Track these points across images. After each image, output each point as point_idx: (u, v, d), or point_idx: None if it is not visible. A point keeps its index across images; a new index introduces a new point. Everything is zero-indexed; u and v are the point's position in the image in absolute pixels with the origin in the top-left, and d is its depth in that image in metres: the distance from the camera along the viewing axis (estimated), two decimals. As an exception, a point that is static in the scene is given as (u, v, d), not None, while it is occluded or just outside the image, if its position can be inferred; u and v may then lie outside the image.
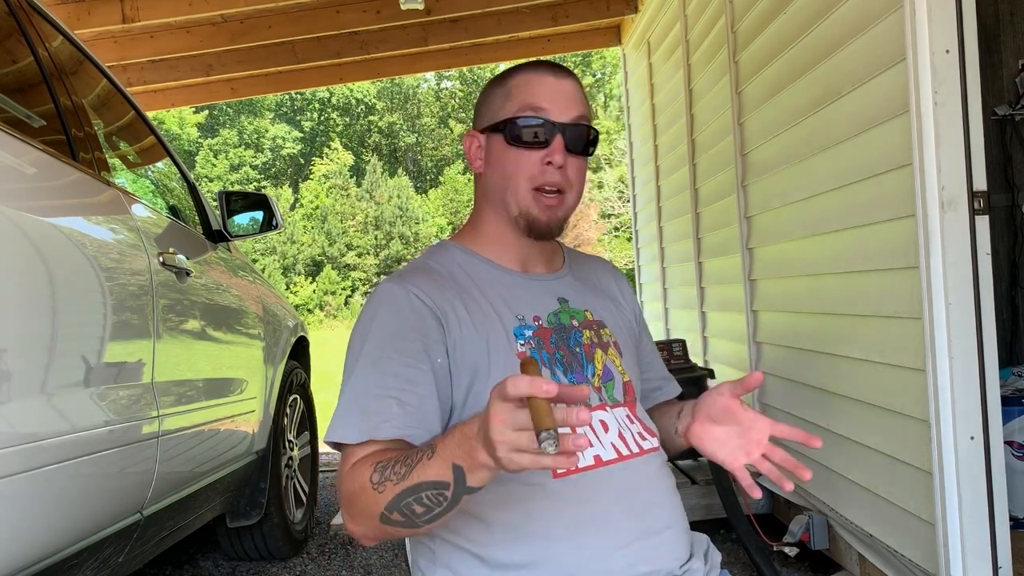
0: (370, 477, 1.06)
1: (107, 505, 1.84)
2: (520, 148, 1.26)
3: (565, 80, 1.28)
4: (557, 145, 1.25)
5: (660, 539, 1.21)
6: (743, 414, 1.21)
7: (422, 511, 1.03)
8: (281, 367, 3.23)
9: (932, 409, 1.98)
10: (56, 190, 1.80)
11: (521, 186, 1.26)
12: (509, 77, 1.31)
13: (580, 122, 1.27)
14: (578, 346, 1.28)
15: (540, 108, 1.25)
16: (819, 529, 2.68)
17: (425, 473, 1.01)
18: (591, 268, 1.45)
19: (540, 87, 1.27)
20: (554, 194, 1.26)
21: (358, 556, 3.31)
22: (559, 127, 1.25)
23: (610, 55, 28.95)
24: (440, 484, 1.00)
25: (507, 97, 1.28)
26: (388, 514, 1.05)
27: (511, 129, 1.26)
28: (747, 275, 3.31)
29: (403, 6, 4.44)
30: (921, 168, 1.96)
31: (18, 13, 1.97)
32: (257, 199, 3.08)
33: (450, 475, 0.99)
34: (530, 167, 1.25)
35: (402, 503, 1.03)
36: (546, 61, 1.32)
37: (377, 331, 1.20)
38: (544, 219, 1.27)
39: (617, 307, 1.41)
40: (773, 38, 2.85)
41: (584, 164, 1.30)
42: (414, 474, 1.02)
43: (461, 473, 0.98)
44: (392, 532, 1.08)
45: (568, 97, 1.27)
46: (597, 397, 1.27)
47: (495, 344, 1.22)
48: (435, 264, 1.31)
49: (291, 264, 29.11)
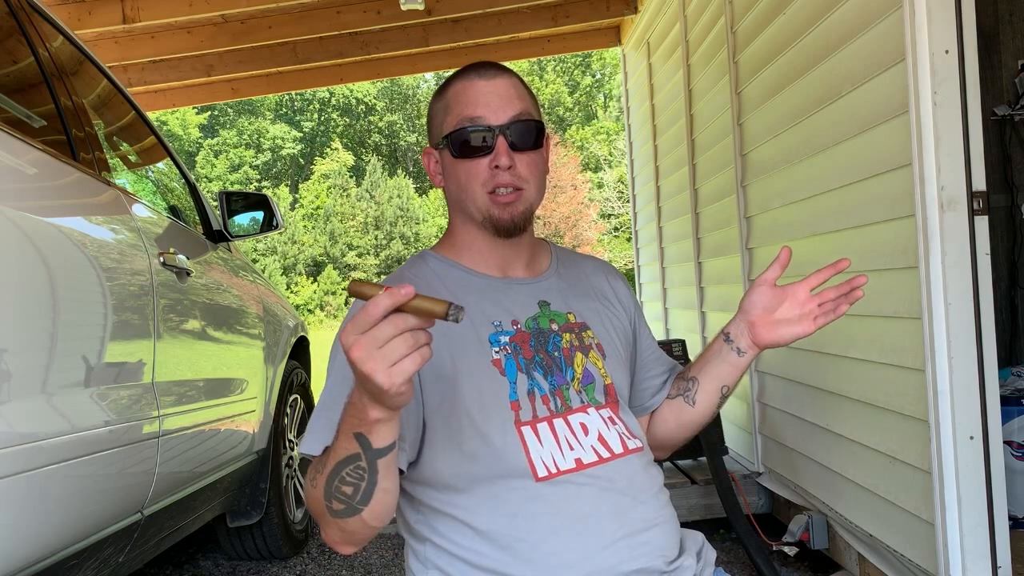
0: (309, 479, 1.10)
1: (107, 505, 1.84)
2: (467, 159, 1.27)
3: (497, 80, 1.28)
4: (500, 148, 1.26)
5: (646, 537, 1.21)
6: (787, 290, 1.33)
7: (351, 490, 1.05)
8: (281, 367, 3.24)
9: (931, 409, 1.98)
10: (57, 190, 1.80)
11: (477, 192, 1.28)
12: (445, 90, 1.32)
13: (519, 119, 1.27)
14: (557, 350, 1.29)
15: (476, 116, 1.26)
16: (819, 529, 2.68)
17: (336, 453, 1.04)
18: (582, 269, 1.45)
19: (473, 94, 1.27)
20: (510, 192, 1.27)
21: (358, 556, 3.31)
22: (497, 130, 1.26)
23: (610, 55, 28.96)
24: (352, 457, 1.02)
25: (447, 110, 1.30)
26: (329, 505, 1.08)
27: (454, 142, 1.27)
28: (747, 275, 3.31)
29: (403, 6, 4.44)
30: (920, 168, 1.96)
31: (19, 13, 1.97)
32: (257, 199, 3.09)
33: (355, 445, 1.01)
34: (480, 174, 1.27)
35: (332, 488, 1.06)
36: (477, 64, 1.32)
37: None
38: (506, 217, 1.28)
39: (607, 308, 1.41)
40: (773, 38, 2.85)
41: (536, 157, 1.30)
42: (329, 459, 1.06)
43: (363, 438, 1.00)
44: (348, 527, 1.09)
45: (502, 97, 1.27)
46: (579, 399, 1.27)
47: (468, 352, 1.23)
48: (412, 275, 1.33)
49: (292, 264, 29.12)
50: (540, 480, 1.19)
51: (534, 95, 1.35)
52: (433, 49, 5.37)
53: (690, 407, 1.42)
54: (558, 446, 1.22)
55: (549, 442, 1.22)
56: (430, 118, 1.35)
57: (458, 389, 1.21)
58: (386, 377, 0.89)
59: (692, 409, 1.42)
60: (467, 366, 1.23)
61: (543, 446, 1.21)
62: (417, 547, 1.25)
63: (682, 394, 1.43)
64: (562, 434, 1.23)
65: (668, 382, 1.47)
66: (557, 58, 29.41)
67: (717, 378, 1.40)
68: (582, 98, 33.93)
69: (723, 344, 1.38)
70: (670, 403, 1.45)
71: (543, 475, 1.19)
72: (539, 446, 1.21)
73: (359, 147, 35.73)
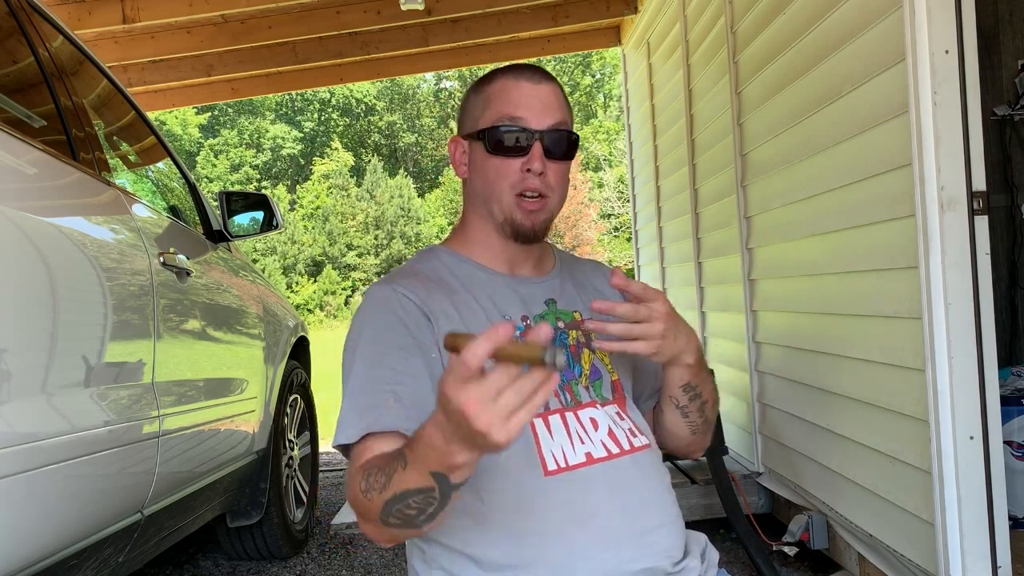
0: (359, 485, 1.07)
1: (107, 505, 1.84)
2: (500, 156, 1.27)
3: (542, 85, 1.29)
4: (536, 152, 1.26)
5: (653, 537, 1.21)
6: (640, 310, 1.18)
7: (415, 513, 1.02)
8: (281, 367, 3.24)
9: (931, 409, 1.98)
10: (57, 190, 1.80)
11: (504, 193, 1.28)
12: (488, 84, 1.32)
13: (558, 128, 1.28)
14: (564, 347, 1.29)
15: (517, 117, 1.27)
16: (819, 529, 2.68)
17: (404, 483, 1.00)
18: (584, 271, 1.46)
19: (517, 94, 1.28)
20: (535, 199, 1.27)
21: (358, 556, 3.31)
22: (537, 134, 1.26)
23: (610, 55, 28.97)
24: (424, 490, 0.99)
25: (486, 105, 1.30)
26: (385, 518, 1.05)
27: (490, 138, 1.27)
28: (747, 275, 3.31)
29: (403, 6, 4.44)
30: (920, 168, 1.96)
31: (19, 13, 1.97)
32: (257, 199, 3.09)
33: (432, 481, 0.98)
34: (511, 174, 1.27)
35: (393, 509, 1.03)
36: (524, 65, 1.33)
37: (369, 331, 1.23)
38: (528, 223, 1.28)
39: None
40: (773, 38, 2.85)
41: (565, 168, 1.31)
42: (393, 484, 1.01)
43: (442, 477, 0.97)
44: (398, 533, 1.08)
45: (545, 103, 1.28)
46: (587, 395, 1.28)
47: None
48: (423, 268, 1.33)
49: (292, 264, 29.12)
50: (549, 474, 1.19)
51: (571, 107, 1.36)
52: (433, 49, 5.37)
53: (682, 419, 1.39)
54: (569, 439, 1.22)
55: (560, 434, 1.22)
56: (465, 108, 1.35)
57: None
58: (503, 434, 0.85)
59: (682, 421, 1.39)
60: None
61: (554, 439, 1.21)
62: (421, 544, 1.25)
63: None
64: (573, 428, 1.23)
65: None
66: (557, 58, 29.41)
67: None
68: (582, 98, 33.94)
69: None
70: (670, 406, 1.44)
71: (553, 469, 1.19)
72: (550, 439, 1.21)
73: (359, 147, 35.72)
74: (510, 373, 0.84)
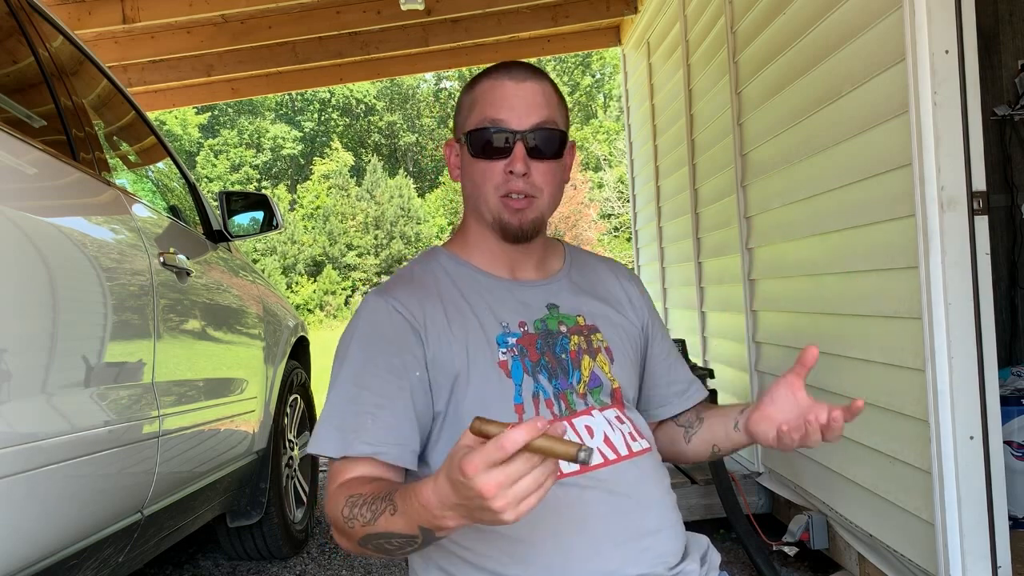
0: (342, 511, 1.09)
1: (107, 505, 1.84)
2: (483, 160, 1.26)
3: (526, 83, 1.26)
4: (518, 153, 1.24)
5: (652, 540, 1.21)
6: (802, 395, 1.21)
7: (394, 548, 1.06)
8: (281, 367, 3.24)
9: (931, 409, 1.98)
10: (57, 190, 1.80)
11: (490, 195, 1.27)
12: (475, 85, 1.31)
13: (543, 127, 1.25)
14: (564, 352, 1.28)
15: (498, 119, 1.25)
16: (819, 529, 2.68)
17: (390, 526, 1.02)
18: (595, 271, 1.44)
19: (500, 95, 1.26)
20: (521, 199, 1.26)
21: (358, 556, 3.31)
22: (518, 135, 1.24)
23: (610, 55, 28.96)
24: (408, 536, 1.02)
25: (472, 107, 1.29)
26: (363, 545, 1.08)
27: (473, 141, 1.27)
28: (747, 275, 3.31)
29: (403, 6, 4.44)
30: (920, 168, 1.96)
31: (18, 13, 1.97)
32: (257, 199, 3.09)
33: (417, 532, 1.00)
34: (495, 176, 1.26)
35: (372, 543, 1.07)
36: (511, 63, 1.30)
37: (358, 345, 1.24)
38: (515, 222, 1.27)
39: (619, 312, 1.40)
40: (773, 38, 2.85)
41: (553, 166, 1.28)
42: (379, 523, 1.04)
43: (428, 532, 0.99)
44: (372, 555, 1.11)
45: (528, 102, 1.25)
46: (583, 402, 1.27)
47: (475, 352, 1.23)
48: (421, 272, 1.33)
49: (292, 264, 29.12)
50: None
51: (564, 102, 1.33)
52: (433, 49, 5.37)
53: (684, 442, 1.41)
54: None
55: None
56: (457, 110, 1.35)
57: (467, 388, 1.22)
58: (514, 515, 0.88)
59: (686, 445, 1.41)
60: (474, 367, 1.23)
61: None
62: None
63: (685, 427, 1.42)
64: (569, 437, 1.22)
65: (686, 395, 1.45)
66: (557, 58, 29.42)
67: (713, 433, 1.37)
68: (582, 98, 33.92)
69: (737, 411, 1.34)
70: (674, 427, 1.44)
71: None
72: None
73: (359, 147, 35.71)
74: (532, 461, 0.87)
